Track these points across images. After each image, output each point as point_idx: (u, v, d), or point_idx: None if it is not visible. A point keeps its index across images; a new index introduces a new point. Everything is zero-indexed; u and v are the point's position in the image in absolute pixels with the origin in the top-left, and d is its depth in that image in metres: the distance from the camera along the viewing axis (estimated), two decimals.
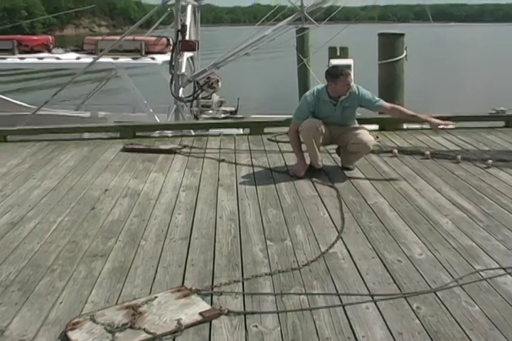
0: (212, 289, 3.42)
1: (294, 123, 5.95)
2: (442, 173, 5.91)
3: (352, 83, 5.86)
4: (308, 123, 5.76)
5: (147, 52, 11.15)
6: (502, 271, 3.64)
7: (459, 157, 6.34)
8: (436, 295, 3.34)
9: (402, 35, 8.43)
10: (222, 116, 11.09)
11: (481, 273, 3.62)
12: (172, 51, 10.40)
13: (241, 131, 8.61)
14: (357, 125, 6.09)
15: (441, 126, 5.95)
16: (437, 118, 6.23)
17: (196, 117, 11.01)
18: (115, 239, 4.22)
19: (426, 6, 9.05)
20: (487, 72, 30.88)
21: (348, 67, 7.84)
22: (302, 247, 4.03)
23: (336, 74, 5.77)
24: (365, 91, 5.94)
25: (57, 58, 11.27)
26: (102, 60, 10.44)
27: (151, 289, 3.43)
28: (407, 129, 8.09)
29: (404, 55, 8.21)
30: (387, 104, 6.05)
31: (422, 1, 9.47)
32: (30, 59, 11.24)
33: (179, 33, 10.31)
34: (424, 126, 8.56)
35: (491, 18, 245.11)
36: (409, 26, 58.80)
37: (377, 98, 6.03)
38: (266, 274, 3.60)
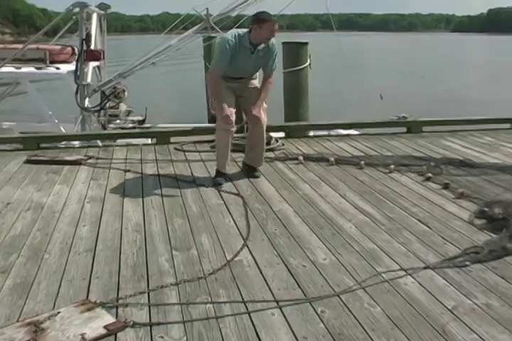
0: (117, 301, 3.37)
1: (215, 67, 5.80)
2: (346, 179, 6.05)
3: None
4: (224, 125, 5.73)
5: (52, 62, 10.91)
6: (403, 273, 3.76)
7: (363, 163, 6.50)
8: (340, 298, 3.41)
9: (305, 43, 8.58)
10: (130, 125, 10.97)
11: (383, 275, 3.72)
12: (77, 60, 10.22)
13: (149, 140, 8.55)
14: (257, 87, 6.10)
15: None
16: (342, 125, 6.49)
17: (104, 127, 10.84)
18: (17, 254, 4.09)
19: (329, 15, 9.18)
20: (390, 80, 31.84)
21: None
22: (208, 256, 4.03)
23: (263, 19, 5.63)
24: (276, 52, 5.93)
25: None
26: (3, 69, 10.15)
27: (54, 304, 3.35)
28: (313, 136, 8.25)
29: (308, 63, 8.37)
30: (271, 78, 6.04)
31: (327, 11, 9.58)
32: None
33: (84, 42, 10.15)
34: (331, 133, 8.81)
35: (394, 27, 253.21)
36: (317, 35, 60.05)
37: (276, 66, 6.03)
38: (172, 284, 3.57)
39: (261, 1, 9.62)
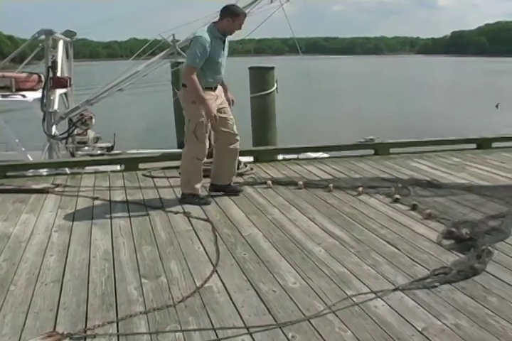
0: (85, 332, 3.31)
1: (193, 65, 5.71)
2: (315, 202, 6.06)
3: None
4: (201, 155, 5.95)
5: (18, 89, 10.82)
6: (373, 295, 3.76)
7: (331, 185, 6.53)
8: (311, 322, 3.40)
9: (271, 68, 8.62)
10: (99, 152, 10.92)
11: (353, 298, 3.72)
12: (43, 88, 10.19)
13: (118, 167, 8.51)
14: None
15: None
16: (310, 148, 6.64)
17: (72, 154, 10.78)
18: None
19: (295, 39, 9.25)
20: (358, 102, 32.19)
21: None
22: (177, 283, 4.00)
23: (237, 12, 5.89)
24: None
25: None
26: None
27: (20, 337, 3.27)
28: (282, 160, 8.27)
29: (274, 87, 8.40)
30: None
31: (293, 35, 9.63)
32: None
33: (50, 69, 10.13)
34: (301, 156, 8.84)
35: (361, 50, 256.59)
36: (284, 59, 60.53)
37: None
38: (141, 313, 3.53)
39: None
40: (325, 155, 8.95)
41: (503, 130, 17.28)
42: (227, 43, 6.02)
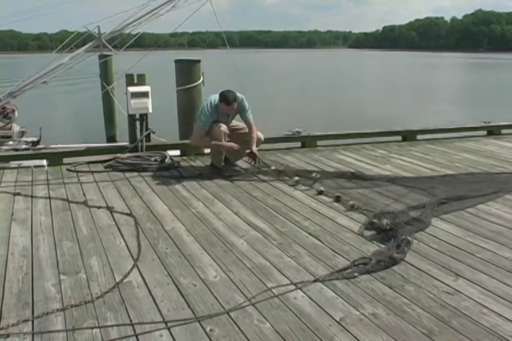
0: None
1: (201, 130, 6.84)
2: (240, 195, 6.08)
3: (235, 105, 6.85)
4: (219, 127, 6.74)
5: None
6: (293, 287, 3.79)
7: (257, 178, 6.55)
8: (230, 315, 3.40)
9: (198, 61, 8.53)
10: (24, 147, 10.65)
11: (273, 290, 3.74)
12: None
13: (44, 162, 8.32)
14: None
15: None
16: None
17: None
18: None
19: (222, 33, 9.19)
20: (289, 95, 32.35)
21: (145, 94, 7.83)
22: (97, 279, 3.94)
23: (220, 100, 6.79)
24: (245, 103, 7.01)
25: None
26: None
27: None
28: (208, 154, 8.23)
29: (201, 80, 8.33)
30: (252, 122, 7.10)
31: (220, 29, 9.51)
32: None
33: None
34: None
35: (295, 43, 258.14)
36: (217, 52, 60.27)
37: (249, 111, 7.06)
38: (58, 310, 3.46)
39: (154, 20, 9.59)
40: None
41: (431, 120, 17.74)
42: (233, 116, 7.11)
